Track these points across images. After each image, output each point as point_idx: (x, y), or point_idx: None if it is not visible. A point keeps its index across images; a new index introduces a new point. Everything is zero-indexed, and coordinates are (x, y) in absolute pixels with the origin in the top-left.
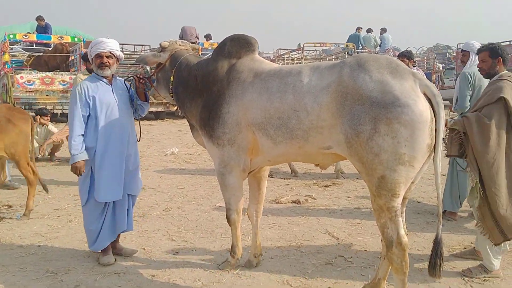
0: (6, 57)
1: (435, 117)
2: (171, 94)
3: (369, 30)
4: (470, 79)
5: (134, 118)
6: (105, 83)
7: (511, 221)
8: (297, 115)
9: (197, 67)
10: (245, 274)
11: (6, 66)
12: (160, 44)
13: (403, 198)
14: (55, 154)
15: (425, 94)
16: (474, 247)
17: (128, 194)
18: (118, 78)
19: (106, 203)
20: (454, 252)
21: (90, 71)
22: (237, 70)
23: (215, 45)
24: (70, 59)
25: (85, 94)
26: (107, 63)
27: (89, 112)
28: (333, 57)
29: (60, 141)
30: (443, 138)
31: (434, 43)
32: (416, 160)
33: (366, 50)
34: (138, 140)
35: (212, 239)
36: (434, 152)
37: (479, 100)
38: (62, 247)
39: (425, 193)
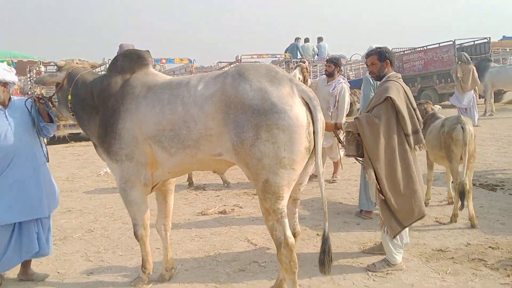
0: None
1: (313, 120)
2: (72, 113)
3: (306, 40)
4: (371, 82)
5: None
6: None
7: (405, 213)
8: (187, 125)
9: (92, 84)
10: None
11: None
12: (55, 63)
13: (294, 199)
14: None
15: (303, 99)
16: (381, 242)
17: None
18: (18, 99)
19: (12, 225)
20: (364, 249)
21: None
22: (131, 85)
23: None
24: None
25: None
26: None
27: None
28: None
29: None
30: (340, 140)
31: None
32: (296, 163)
33: (306, 59)
34: (47, 160)
35: (130, 257)
36: (315, 154)
37: (371, 102)
38: None
39: (348, 194)
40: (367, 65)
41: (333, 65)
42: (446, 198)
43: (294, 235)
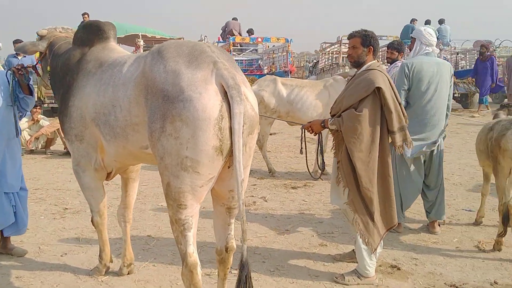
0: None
1: (230, 114)
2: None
3: (427, 22)
4: (407, 70)
5: (20, 112)
6: None
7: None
8: (114, 110)
9: (62, 56)
10: (107, 282)
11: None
12: (37, 32)
13: (228, 208)
14: (50, 147)
15: (222, 86)
16: (353, 249)
17: (5, 192)
18: None
19: None
20: (334, 255)
21: None
22: (86, 60)
23: (247, 40)
24: None
25: None
26: None
27: None
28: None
29: (50, 134)
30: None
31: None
32: (202, 165)
33: None
34: (16, 135)
35: (112, 242)
36: (233, 156)
37: (351, 94)
38: None
39: None
40: (348, 47)
41: (396, 51)
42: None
43: (227, 250)
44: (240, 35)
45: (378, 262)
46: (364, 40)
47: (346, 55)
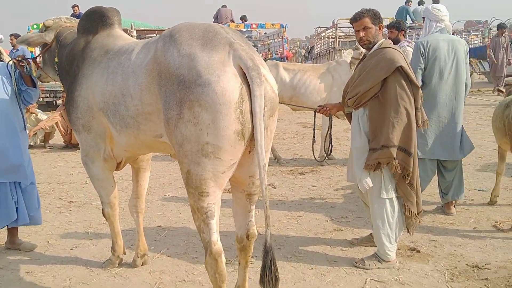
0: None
1: (250, 97)
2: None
3: (420, 2)
4: (422, 49)
5: (24, 105)
6: None
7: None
8: (124, 99)
9: (68, 46)
10: (121, 274)
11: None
12: (43, 23)
13: (248, 194)
14: (48, 141)
15: (240, 68)
16: (370, 233)
17: (14, 182)
18: (0, 64)
19: None
20: (350, 240)
21: None
22: (91, 48)
23: (242, 27)
24: None
25: None
26: None
27: None
28: None
29: (48, 128)
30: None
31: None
32: (223, 151)
33: (417, 25)
34: (24, 128)
35: (123, 233)
36: (255, 139)
37: (369, 76)
38: None
39: None
40: (356, 31)
41: (396, 30)
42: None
43: (248, 237)
44: (233, 22)
45: (396, 245)
46: (373, 18)
47: (358, 39)
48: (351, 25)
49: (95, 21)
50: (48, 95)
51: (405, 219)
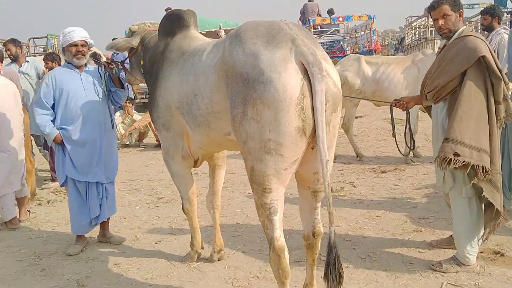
0: None
1: (311, 93)
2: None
3: None
4: None
5: (113, 105)
6: (76, 72)
7: None
8: (196, 99)
9: (151, 49)
10: (199, 269)
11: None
12: (129, 28)
13: (314, 192)
14: (142, 140)
15: (302, 64)
16: (451, 235)
17: (100, 182)
18: (91, 66)
19: (78, 188)
20: (430, 241)
21: None
22: (169, 50)
23: (328, 21)
24: None
25: (52, 84)
26: (83, 51)
27: (56, 101)
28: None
29: (142, 128)
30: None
31: None
32: (285, 148)
33: None
34: (113, 127)
35: (203, 229)
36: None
37: (449, 67)
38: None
39: None
40: (435, 20)
41: (489, 16)
42: None
43: (314, 235)
44: (320, 16)
45: (480, 248)
46: (453, 5)
47: (437, 29)
48: None
49: (173, 23)
50: (144, 96)
51: (488, 219)
